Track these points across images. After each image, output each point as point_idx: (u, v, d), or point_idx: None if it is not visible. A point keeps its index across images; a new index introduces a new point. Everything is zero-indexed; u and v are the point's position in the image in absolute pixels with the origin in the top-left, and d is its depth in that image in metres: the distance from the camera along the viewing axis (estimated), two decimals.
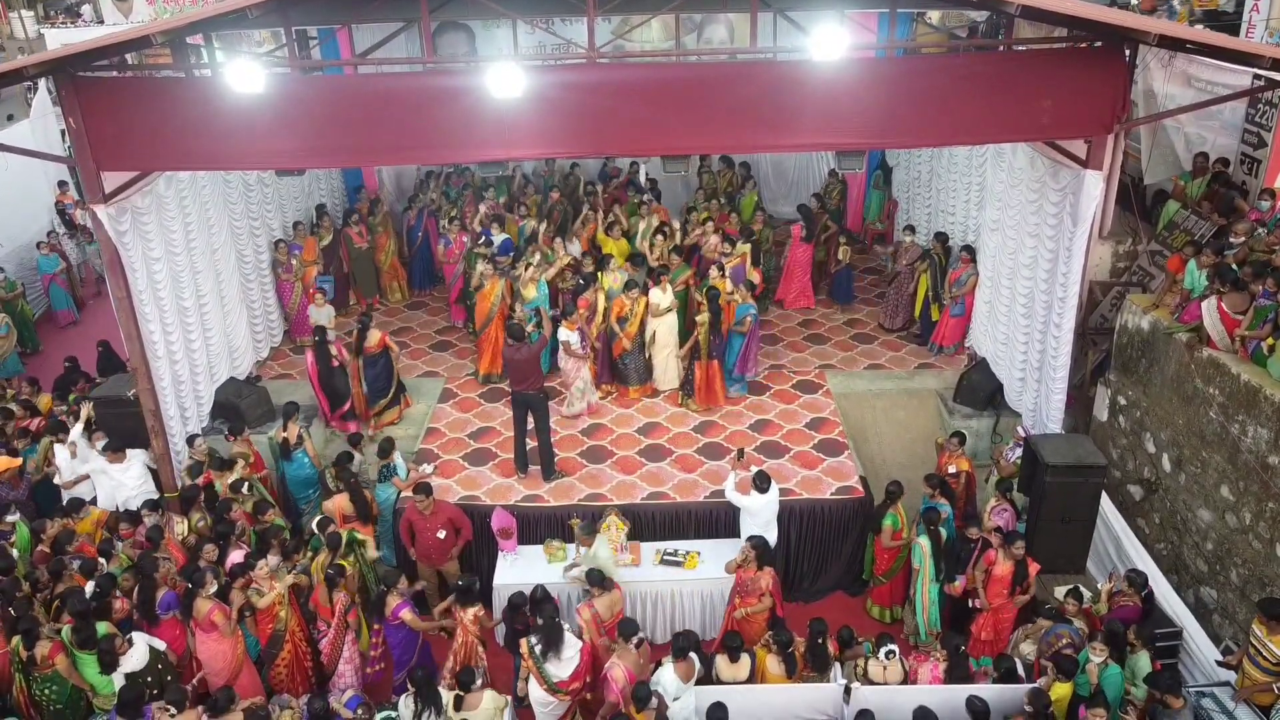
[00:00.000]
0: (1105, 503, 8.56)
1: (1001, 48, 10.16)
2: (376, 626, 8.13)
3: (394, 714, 7.18)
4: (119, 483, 9.10)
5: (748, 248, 11.52)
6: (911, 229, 12.37)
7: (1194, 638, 7.61)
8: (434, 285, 13.84)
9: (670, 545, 8.84)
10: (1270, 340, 7.53)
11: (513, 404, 9.71)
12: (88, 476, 9.15)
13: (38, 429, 10.17)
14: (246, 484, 9.02)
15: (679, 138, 8.41)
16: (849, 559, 9.28)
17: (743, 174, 14.55)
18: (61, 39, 16.12)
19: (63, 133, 16.56)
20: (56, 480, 9.43)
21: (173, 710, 7.02)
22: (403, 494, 9.15)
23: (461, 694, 7.10)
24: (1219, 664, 7.22)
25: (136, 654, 7.41)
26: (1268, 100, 9.66)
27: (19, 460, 9.34)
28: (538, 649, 7.19)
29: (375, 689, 8.06)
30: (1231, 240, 8.77)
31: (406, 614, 7.75)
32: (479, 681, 7.24)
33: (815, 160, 15.32)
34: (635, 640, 7.15)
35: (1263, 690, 6.83)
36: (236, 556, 8.21)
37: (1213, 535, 8.13)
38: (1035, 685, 6.88)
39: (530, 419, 9.57)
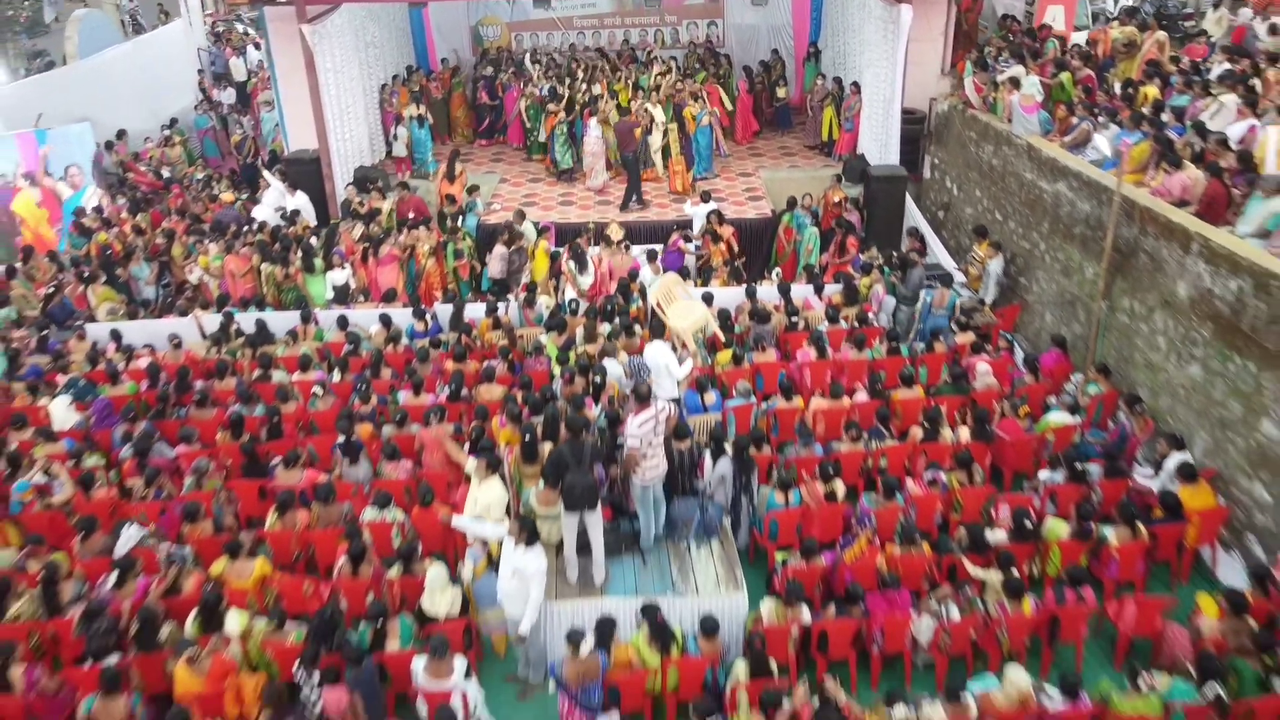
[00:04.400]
0: (912, 209, 14.03)
1: None
2: None
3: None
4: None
5: (719, 87, 17.09)
6: (822, 76, 17.79)
7: (956, 277, 13.11)
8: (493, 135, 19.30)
9: (650, 247, 14.28)
10: (993, 95, 12.99)
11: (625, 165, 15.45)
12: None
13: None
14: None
15: None
16: (764, 257, 14.75)
17: (726, 63, 19.91)
18: None
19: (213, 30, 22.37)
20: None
21: (362, 298, 12.68)
22: (481, 219, 14.77)
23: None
24: (957, 269, 12.75)
25: (342, 274, 12.97)
26: None
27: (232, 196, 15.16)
28: (573, 265, 12.66)
29: None
30: (986, 48, 14.24)
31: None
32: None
33: (765, 45, 20.62)
34: (625, 245, 12.65)
35: (975, 277, 12.39)
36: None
37: (970, 219, 13.59)
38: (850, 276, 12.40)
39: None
